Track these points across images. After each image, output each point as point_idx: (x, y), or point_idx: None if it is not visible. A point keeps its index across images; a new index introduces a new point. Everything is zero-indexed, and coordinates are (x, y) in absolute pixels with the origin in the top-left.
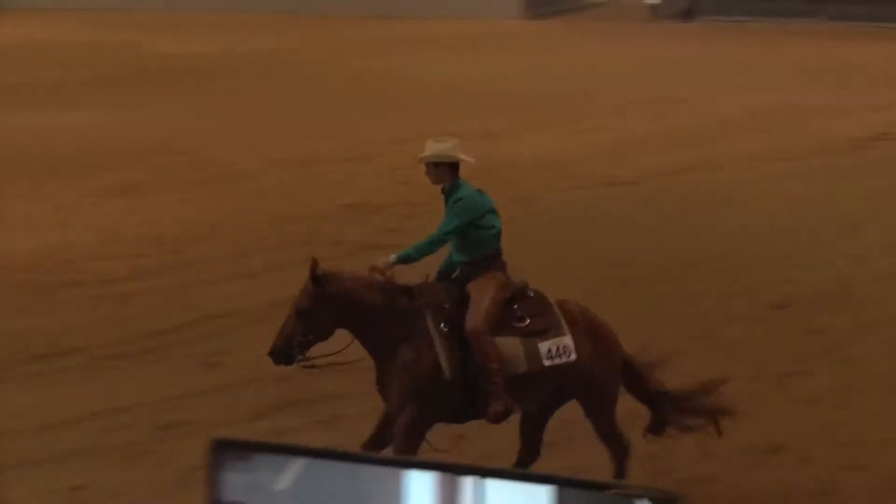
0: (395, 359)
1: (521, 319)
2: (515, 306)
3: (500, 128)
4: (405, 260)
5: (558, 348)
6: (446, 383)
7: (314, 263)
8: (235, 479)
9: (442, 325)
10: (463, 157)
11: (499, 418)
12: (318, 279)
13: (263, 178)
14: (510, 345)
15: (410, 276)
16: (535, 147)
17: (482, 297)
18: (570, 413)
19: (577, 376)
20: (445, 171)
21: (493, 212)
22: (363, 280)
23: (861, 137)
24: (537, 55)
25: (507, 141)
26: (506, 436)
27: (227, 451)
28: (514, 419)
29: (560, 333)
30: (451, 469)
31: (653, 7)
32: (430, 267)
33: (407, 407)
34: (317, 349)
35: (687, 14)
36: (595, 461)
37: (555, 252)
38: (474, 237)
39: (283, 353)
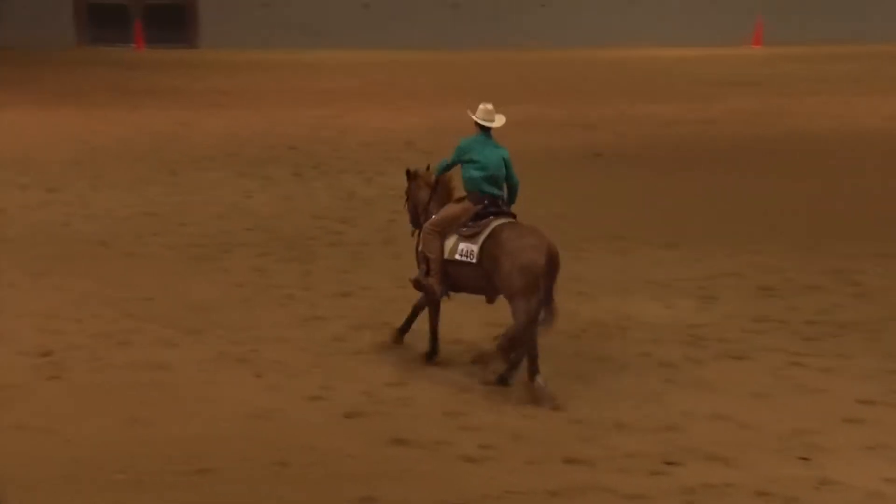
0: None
1: (464, 227)
2: (470, 222)
3: None
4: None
5: (468, 251)
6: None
7: (407, 170)
8: None
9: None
10: (471, 115)
11: (415, 285)
12: (408, 174)
13: None
14: (451, 240)
15: None
16: None
17: (443, 211)
18: None
19: (481, 275)
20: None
21: (474, 163)
22: (425, 180)
23: None
24: None
25: None
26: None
27: None
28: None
29: (474, 243)
30: None
31: None
32: None
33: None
34: None
35: None
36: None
37: None
38: (464, 174)
39: (413, 221)
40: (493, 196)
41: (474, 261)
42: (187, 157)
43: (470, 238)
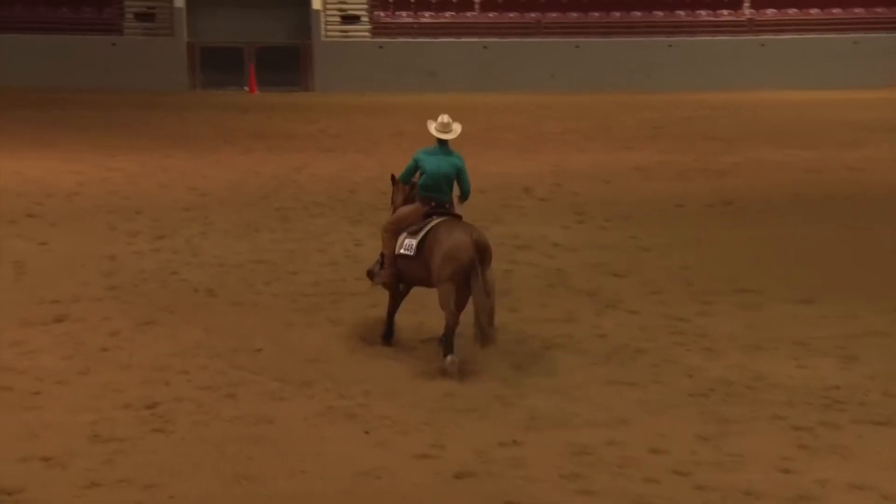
0: None
1: (411, 226)
2: (418, 223)
3: None
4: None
5: (409, 245)
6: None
7: (392, 175)
8: None
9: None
10: (429, 128)
11: (368, 274)
12: (392, 180)
13: None
14: (401, 238)
15: None
16: None
17: (398, 212)
18: None
19: (421, 266)
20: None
21: (425, 175)
22: (401, 186)
23: None
24: None
25: None
26: None
27: None
28: None
29: (415, 238)
30: None
31: None
32: None
33: None
34: None
35: None
36: None
37: None
38: (419, 181)
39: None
40: (440, 200)
41: (412, 253)
42: (298, 202)
43: (413, 234)
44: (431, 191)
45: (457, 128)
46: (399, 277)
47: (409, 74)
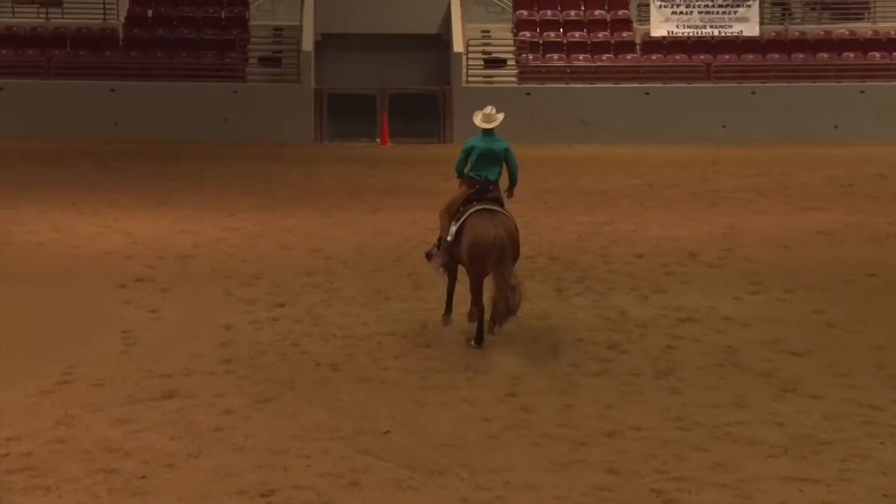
0: None
1: (457, 211)
2: (462, 207)
3: None
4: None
5: (451, 231)
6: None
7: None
8: None
9: None
10: (475, 120)
11: (426, 256)
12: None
13: None
14: (451, 224)
15: None
16: None
17: (450, 197)
18: None
19: (458, 252)
20: None
21: (474, 153)
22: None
23: None
24: None
25: None
26: None
27: None
28: None
29: (455, 225)
30: None
31: None
32: None
33: None
34: None
35: None
36: None
37: None
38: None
39: None
40: (484, 182)
41: (451, 239)
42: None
43: (456, 220)
44: (478, 169)
45: (500, 117)
46: (452, 260)
47: (560, 124)
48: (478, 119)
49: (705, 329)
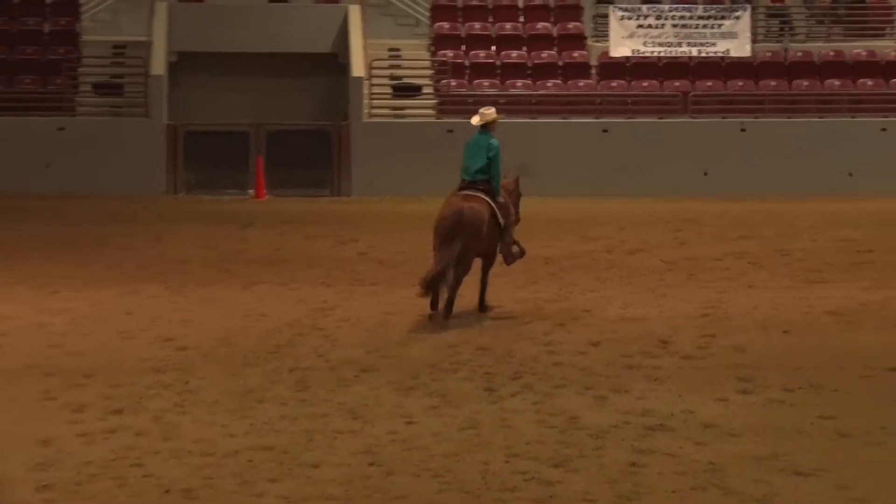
0: None
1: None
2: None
3: None
4: None
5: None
6: None
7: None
8: None
9: None
10: (472, 121)
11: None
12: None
13: None
14: None
15: None
16: None
17: None
18: None
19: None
20: None
21: (466, 148)
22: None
23: None
24: None
25: None
26: None
27: None
28: None
29: None
30: None
31: None
32: None
33: None
34: None
35: None
36: None
37: None
38: None
39: None
40: (470, 181)
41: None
42: (323, 360)
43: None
44: (465, 160)
45: (489, 113)
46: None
47: None
48: (476, 118)
49: (680, 440)
